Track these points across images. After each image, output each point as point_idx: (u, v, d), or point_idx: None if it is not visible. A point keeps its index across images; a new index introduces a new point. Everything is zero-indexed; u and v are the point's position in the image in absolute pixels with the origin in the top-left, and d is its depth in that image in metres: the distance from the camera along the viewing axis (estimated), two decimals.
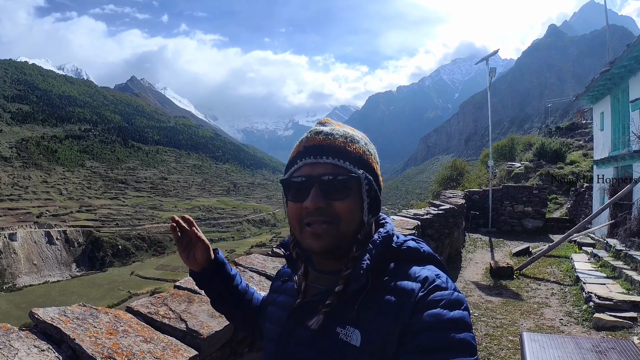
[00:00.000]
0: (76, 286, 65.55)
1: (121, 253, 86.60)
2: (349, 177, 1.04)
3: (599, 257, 9.65)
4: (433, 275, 1.01)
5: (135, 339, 1.82)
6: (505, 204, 16.26)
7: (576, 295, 7.70)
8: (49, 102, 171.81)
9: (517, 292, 8.12)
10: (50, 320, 1.75)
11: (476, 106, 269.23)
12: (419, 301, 0.97)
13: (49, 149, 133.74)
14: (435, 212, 9.21)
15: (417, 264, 1.06)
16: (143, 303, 2.22)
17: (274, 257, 3.39)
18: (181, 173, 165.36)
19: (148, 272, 72.41)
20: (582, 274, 8.52)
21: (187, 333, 2.01)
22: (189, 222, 1.33)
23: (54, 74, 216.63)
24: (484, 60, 16.89)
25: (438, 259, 1.11)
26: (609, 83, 12.49)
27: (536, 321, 6.54)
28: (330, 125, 1.12)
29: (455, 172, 29.81)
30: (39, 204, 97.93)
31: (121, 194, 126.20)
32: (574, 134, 30.62)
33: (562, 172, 22.41)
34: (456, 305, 0.97)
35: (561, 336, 4.14)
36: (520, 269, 9.55)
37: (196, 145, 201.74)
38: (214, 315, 2.17)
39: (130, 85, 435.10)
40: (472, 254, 11.87)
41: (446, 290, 0.98)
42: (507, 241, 13.89)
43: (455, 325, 0.94)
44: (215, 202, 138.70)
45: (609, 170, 12.82)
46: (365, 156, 1.09)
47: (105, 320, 1.89)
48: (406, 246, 1.09)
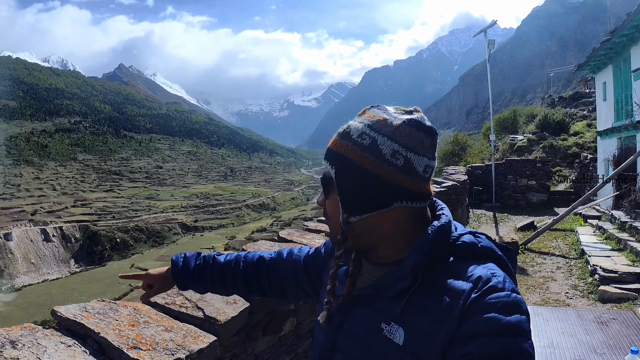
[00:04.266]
0: (76, 283, 65.03)
1: (120, 246, 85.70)
2: (326, 176, 1.07)
3: (604, 230, 9.70)
4: (488, 274, 0.96)
5: (156, 329, 1.89)
6: (508, 178, 16.36)
7: (581, 269, 7.82)
8: (36, 96, 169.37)
9: (523, 267, 8.21)
10: (72, 316, 1.82)
11: (476, 78, 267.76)
12: (471, 304, 0.92)
13: (39, 144, 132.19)
14: (437, 190, 9.05)
15: (473, 260, 1.01)
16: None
17: (281, 242, 3.30)
18: (176, 160, 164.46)
19: (148, 264, 70.56)
20: (588, 247, 8.60)
21: (204, 320, 2.07)
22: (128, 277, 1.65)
23: (40, 67, 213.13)
24: (482, 32, 16.68)
25: (498, 254, 1.04)
26: (610, 52, 12.43)
27: (542, 295, 6.59)
28: (361, 117, 1.09)
29: (457, 146, 29.28)
30: (32, 201, 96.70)
31: (116, 185, 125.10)
32: (577, 103, 30.53)
33: (565, 144, 22.08)
34: (514, 309, 0.90)
35: (564, 309, 4.34)
36: (525, 243, 9.65)
37: (190, 131, 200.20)
38: (228, 302, 2.23)
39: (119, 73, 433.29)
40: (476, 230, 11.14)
41: (502, 292, 0.92)
42: (511, 216, 14.03)
43: (513, 332, 0.88)
44: (213, 188, 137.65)
45: (612, 141, 12.84)
46: (344, 149, 1.03)
47: (126, 313, 1.95)
48: (462, 241, 1.03)
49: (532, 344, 0.90)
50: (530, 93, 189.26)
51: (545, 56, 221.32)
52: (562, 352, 3.05)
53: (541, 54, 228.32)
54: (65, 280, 69.28)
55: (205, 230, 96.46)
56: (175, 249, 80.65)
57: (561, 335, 3.30)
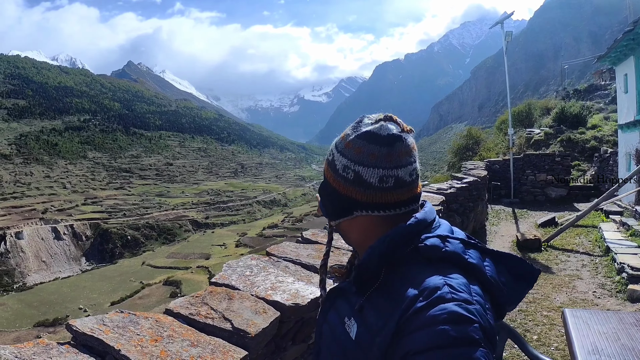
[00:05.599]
0: (87, 281, 65.11)
1: (130, 244, 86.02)
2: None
3: (628, 226, 9.34)
4: (439, 283, 0.94)
5: (182, 344, 1.78)
6: (527, 173, 15.99)
7: (608, 267, 7.60)
8: (45, 95, 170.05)
9: (547, 265, 8.04)
10: (90, 331, 1.71)
11: (488, 71, 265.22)
12: (414, 313, 0.91)
13: (49, 143, 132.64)
14: (458, 186, 9.06)
15: (433, 266, 1.00)
16: (182, 304, 2.12)
17: (305, 244, 3.27)
18: (186, 157, 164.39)
19: (159, 262, 71.53)
20: (613, 244, 8.26)
21: (233, 333, 1.95)
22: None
23: (48, 65, 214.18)
24: (499, 24, 16.23)
25: (468, 262, 1.02)
26: (632, 43, 11.96)
27: (569, 294, 6.47)
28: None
29: (471, 140, 29.15)
30: (43, 199, 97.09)
31: (126, 183, 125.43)
32: (592, 96, 30.45)
33: (583, 137, 21.66)
34: (460, 319, 0.88)
35: (603, 312, 3.99)
36: (547, 240, 9.40)
37: (200, 128, 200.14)
38: (257, 311, 2.12)
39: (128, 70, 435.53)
40: (496, 226, 11.77)
41: (450, 302, 0.90)
42: (531, 211, 13.69)
43: (460, 343, 0.86)
44: (224, 185, 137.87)
45: (634, 134, 12.43)
46: (325, 163, 1.18)
47: (147, 326, 1.84)
48: (424, 244, 1.02)
49: (484, 352, 0.87)
50: (543, 86, 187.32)
51: (558, 48, 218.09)
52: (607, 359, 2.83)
53: (554, 46, 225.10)
54: (77, 278, 69.49)
55: (217, 227, 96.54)
56: (186, 246, 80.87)
57: (605, 340, 3.05)
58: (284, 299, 2.26)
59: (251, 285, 2.40)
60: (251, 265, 2.68)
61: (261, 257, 2.87)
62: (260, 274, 2.56)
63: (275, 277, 2.53)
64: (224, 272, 2.55)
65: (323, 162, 1.14)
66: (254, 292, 2.32)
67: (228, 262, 2.71)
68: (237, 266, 2.65)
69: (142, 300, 49.66)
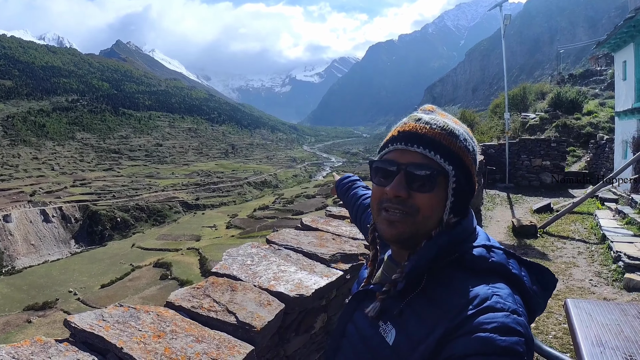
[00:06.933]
0: (77, 263, 64.47)
1: (120, 225, 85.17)
2: (436, 171, 1.03)
3: (624, 214, 9.42)
4: (488, 293, 0.94)
5: (186, 340, 1.71)
6: (522, 158, 16.02)
7: (604, 254, 7.62)
8: (32, 75, 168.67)
9: (543, 252, 8.04)
10: (89, 328, 1.65)
11: (483, 53, 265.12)
12: (463, 321, 0.90)
13: (37, 124, 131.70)
14: None
15: (482, 276, 0.99)
16: (183, 296, 2.06)
17: (306, 230, 3.21)
18: (176, 138, 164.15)
19: (149, 243, 71.08)
20: (609, 232, 8.31)
21: (238, 327, 1.89)
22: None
23: (35, 45, 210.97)
24: (498, 6, 16.34)
25: (511, 272, 1.02)
26: (632, 30, 12.03)
27: (566, 282, 6.49)
28: (433, 114, 1.11)
29: (465, 124, 28.11)
30: (31, 182, 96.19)
31: (115, 164, 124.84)
32: (588, 81, 30.46)
33: (579, 123, 21.81)
34: (509, 330, 0.88)
35: (605, 303, 4.07)
36: (543, 226, 9.42)
37: (190, 108, 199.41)
38: (261, 303, 2.06)
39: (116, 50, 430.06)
40: (491, 211, 11.76)
41: (500, 312, 0.90)
42: (526, 197, 13.79)
43: (506, 354, 0.85)
44: (214, 166, 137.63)
45: (632, 122, 12.53)
46: (461, 153, 1.05)
47: (149, 321, 1.78)
48: (471, 254, 1.02)
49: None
50: (538, 70, 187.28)
51: (554, 32, 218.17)
52: (612, 352, 2.83)
53: (550, 30, 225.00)
54: (66, 261, 68.75)
55: (207, 208, 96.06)
56: (177, 227, 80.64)
57: (608, 332, 3.06)
58: (287, 289, 2.20)
59: (253, 275, 2.33)
60: (252, 254, 2.61)
61: (261, 245, 2.80)
62: (261, 263, 2.49)
63: (277, 267, 2.46)
64: (225, 262, 2.47)
65: (314, 143, 1.07)
66: (256, 282, 2.25)
67: (228, 250, 2.63)
68: (237, 255, 2.58)
69: (133, 283, 49.42)
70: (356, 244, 2.91)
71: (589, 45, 21.45)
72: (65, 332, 1.72)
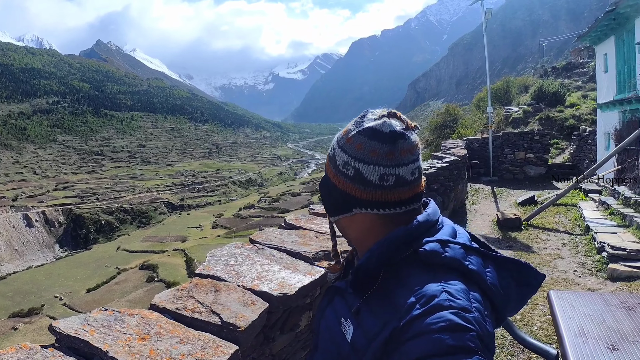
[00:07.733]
0: (62, 268, 63.39)
1: (105, 228, 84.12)
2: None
3: (607, 205, 9.59)
4: (437, 291, 0.91)
5: (171, 342, 1.73)
6: (506, 151, 16.17)
7: (588, 245, 7.70)
8: (11, 77, 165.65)
9: (528, 244, 8.10)
10: (74, 332, 1.65)
11: (466, 47, 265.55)
12: (411, 321, 0.89)
13: (17, 127, 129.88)
14: (439, 165, 9.15)
15: (433, 271, 0.97)
16: (167, 298, 2.07)
17: (289, 229, 3.22)
18: (159, 138, 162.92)
19: (135, 245, 70.23)
20: (592, 223, 8.42)
21: (222, 327, 1.90)
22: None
23: (14, 46, 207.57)
24: (479, 1, 16.34)
25: (468, 269, 0.99)
26: (613, 23, 12.19)
27: (550, 274, 6.51)
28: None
29: (449, 118, 29.11)
30: (13, 186, 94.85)
31: (98, 166, 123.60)
32: (570, 74, 30.69)
33: (562, 116, 21.97)
34: (458, 328, 0.86)
35: (588, 293, 4.25)
36: (528, 219, 9.51)
37: (173, 108, 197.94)
38: (245, 303, 2.08)
39: (97, 50, 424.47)
40: (476, 205, 11.84)
41: (447, 310, 0.88)
42: (510, 190, 13.88)
43: (456, 352, 0.84)
44: (198, 166, 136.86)
45: (613, 114, 12.68)
46: (326, 159, 1.14)
47: (134, 324, 1.79)
48: (424, 248, 0.99)
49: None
50: (521, 63, 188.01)
51: (536, 25, 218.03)
52: (594, 342, 2.87)
53: (532, 23, 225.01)
54: (51, 265, 67.53)
55: (192, 208, 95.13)
56: (162, 229, 79.96)
57: (590, 322, 3.11)
58: (271, 289, 2.21)
59: (237, 275, 2.34)
60: (235, 254, 2.61)
61: (245, 245, 2.81)
62: (245, 263, 2.50)
63: (260, 266, 2.47)
64: (208, 263, 2.47)
65: (298, 140, 1.12)
66: (240, 282, 2.26)
67: (211, 251, 2.64)
68: (220, 255, 2.58)
69: (119, 286, 48.92)
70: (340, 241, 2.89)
71: (571, 38, 21.72)
72: (51, 338, 1.72)
